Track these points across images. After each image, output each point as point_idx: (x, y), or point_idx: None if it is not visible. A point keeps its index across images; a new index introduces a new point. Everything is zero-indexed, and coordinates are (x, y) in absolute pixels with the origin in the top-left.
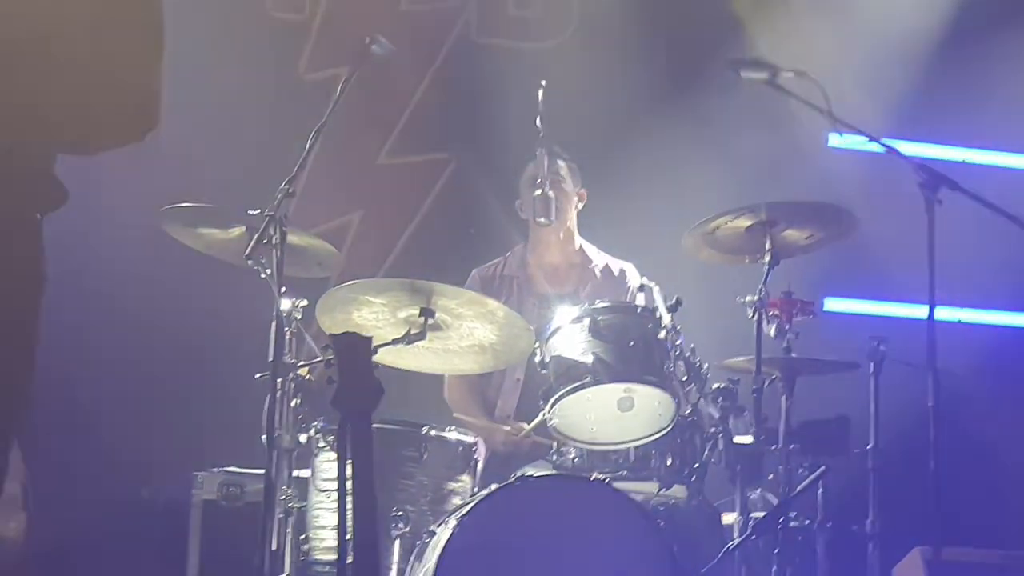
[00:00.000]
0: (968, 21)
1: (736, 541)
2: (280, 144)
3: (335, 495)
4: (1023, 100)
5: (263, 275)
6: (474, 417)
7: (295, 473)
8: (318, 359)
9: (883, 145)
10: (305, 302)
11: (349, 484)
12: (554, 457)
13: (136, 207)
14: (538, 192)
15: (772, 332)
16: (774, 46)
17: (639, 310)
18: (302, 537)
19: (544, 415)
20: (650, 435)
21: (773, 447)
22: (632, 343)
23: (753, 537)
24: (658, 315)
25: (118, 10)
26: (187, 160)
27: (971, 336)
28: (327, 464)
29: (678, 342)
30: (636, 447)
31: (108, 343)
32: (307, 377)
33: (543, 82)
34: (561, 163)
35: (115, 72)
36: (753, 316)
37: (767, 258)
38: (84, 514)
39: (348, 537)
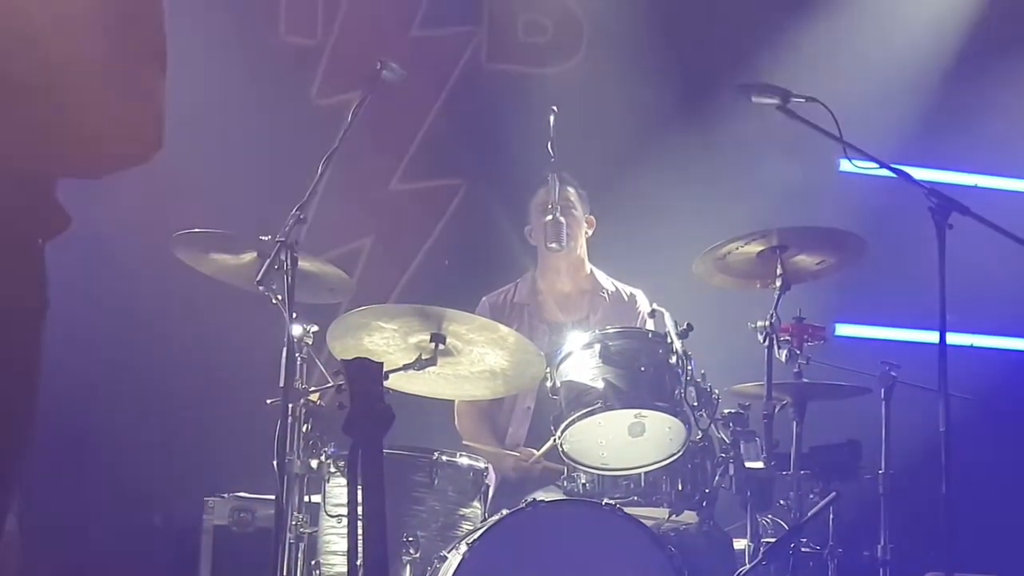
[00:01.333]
0: (976, 47)
1: (747, 567)
2: (292, 170)
3: (346, 520)
4: None
5: (274, 301)
6: (484, 443)
7: (306, 498)
8: (329, 385)
9: (894, 170)
10: (316, 327)
11: (360, 509)
12: (565, 482)
13: (148, 232)
14: (549, 218)
15: (783, 357)
16: (784, 72)
17: (650, 335)
18: (313, 563)
19: (555, 440)
20: (661, 460)
21: (784, 472)
22: (643, 368)
23: (764, 563)
24: (669, 340)
25: (120, 29)
26: (199, 185)
27: (983, 361)
28: (338, 489)
29: (689, 367)
30: (647, 472)
31: (120, 368)
32: (318, 403)
33: (554, 107)
34: (571, 189)
35: (118, 93)
36: (764, 341)
37: (778, 283)
38: (96, 540)
39: (359, 563)
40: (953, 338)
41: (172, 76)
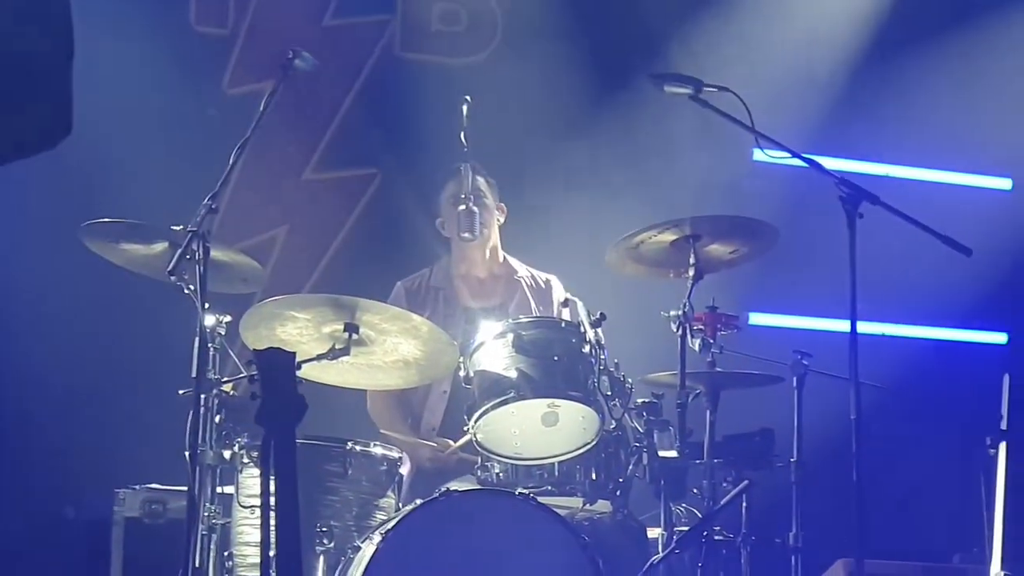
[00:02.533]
0: (889, 39)
1: (660, 555)
2: (204, 159)
3: (259, 511)
4: (943, 116)
5: (187, 291)
6: (399, 432)
7: (219, 489)
8: (242, 375)
9: (805, 160)
10: (229, 318)
11: (273, 500)
12: (479, 472)
13: (57, 222)
14: (462, 208)
15: (696, 346)
16: (698, 63)
17: (563, 325)
18: (226, 554)
19: (469, 430)
20: (574, 450)
21: (697, 461)
22: (556, 358)
23: (677, 551)
24: (582, 330)
25: (24, 13)
26: (109, 174)
27: (893, 349)
28: (251, 480)
29: (602, 357)
30: (561, 462)
31: (29, 360)
32: (231, 393)
33: (467, 97)
34: (481, 179)
35: (24, 76)
36: (677, 330)
37: (691, 272)
38: (5, 532)
39: (272, 553)
40: (864, 327)
41: (81, 64)
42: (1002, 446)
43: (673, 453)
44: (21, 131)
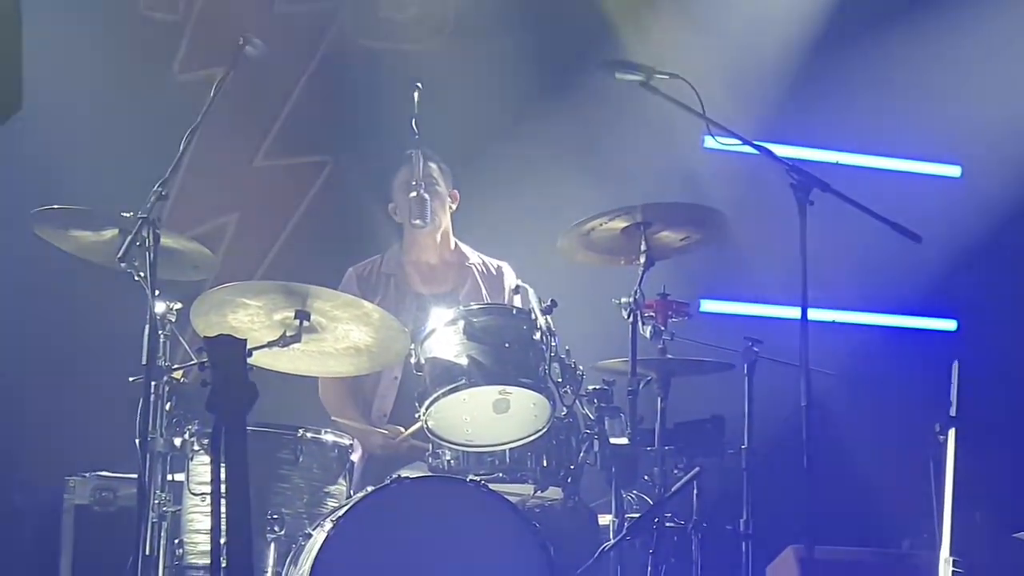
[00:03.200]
0: (840, 26)
1: (612, 542)
2: (155, 146)
3: (209, 499)
4: (894, 103)
5: (137, 278)
6: (351, 419)
7: (169, 477)
8: (192, 362)
9: (756, 147)
10: (180, 305)
11: (224, 488)
12: (430, 459)
13: (4, 209)
14: (413, 195)
15: (648, 334)
16: (649, 50)
17: (514, 312)
18: (176, 541)
19: (420, 417)
20: (526, 437)
21: (648, 448)
22: (507, 345)
23: (628, 538)
24: (533, 317)
25: None
26: (58, 161)
27: (844, 336)
28: (201, 468)
29: (553, 344)
30: (512, 449)
31: None
32: (181, 380)
33: (418, 84)
34: (433, 165)
35: None
36: (628, 318)
37: (642, 260)
38: None
39: (223, 541)
40: (815, 314)
41: (30, 48)
42: (951, 432)
43: (624, 440)
44: None
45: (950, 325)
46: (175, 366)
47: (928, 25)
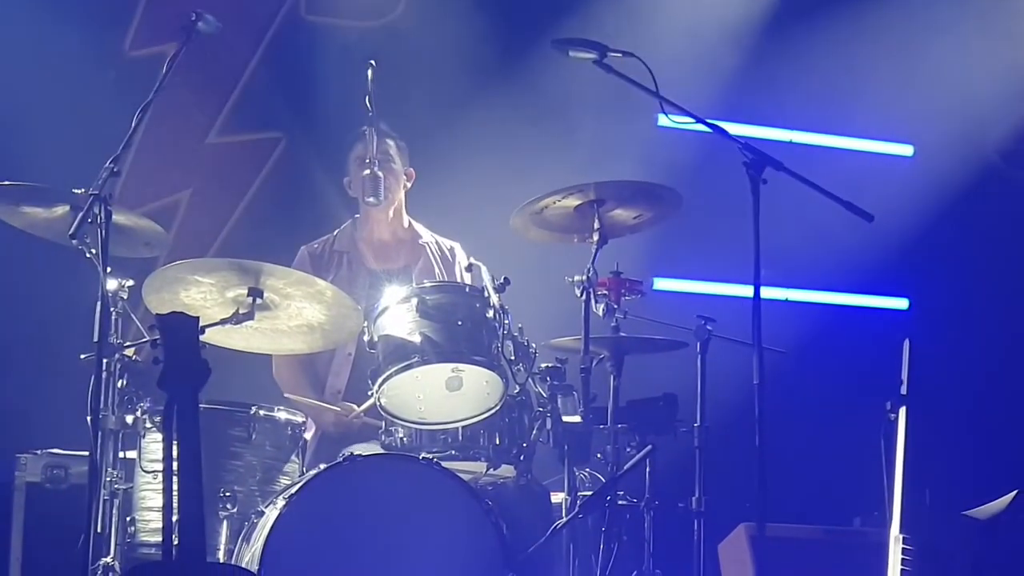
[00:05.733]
0: (793, 5)
1: (564, 520)
2: (106, 121)
3: (161, 476)
4: (847, 82)
5: (88, 255)
6: (304, 396)
7: (121, 454)
8: (144, 340)
9: (710, 126)
10: (132, 282)
11: (175, 465)
12: (383, 437)
13: None
14: (366, 172)
15: (601, 312)
16: (606, 28)
17: (467, 290)
18: (128, 519)
19: (373, 395)
20: (478, 415)
21: (601, 426)
22: (460, 323)
23: (581, 516)
24: (486, 295)
25: None
26: (9, 137)
27: (796, 315)
28: (153, 445)
29: (506, 321)
30: (464, 427)
31: None
32: (133, 358)
33: (372, 62)
34: (390, 142)
35: None
36: (581, 296)
37: (596, 238)
38: None
39: (174, 518)
40: (767, 292)
41: None
42: (902, 411)
43: (577, 418)
44: None
45: (902, 304)
46: (127, 343)
47: (882, 4)
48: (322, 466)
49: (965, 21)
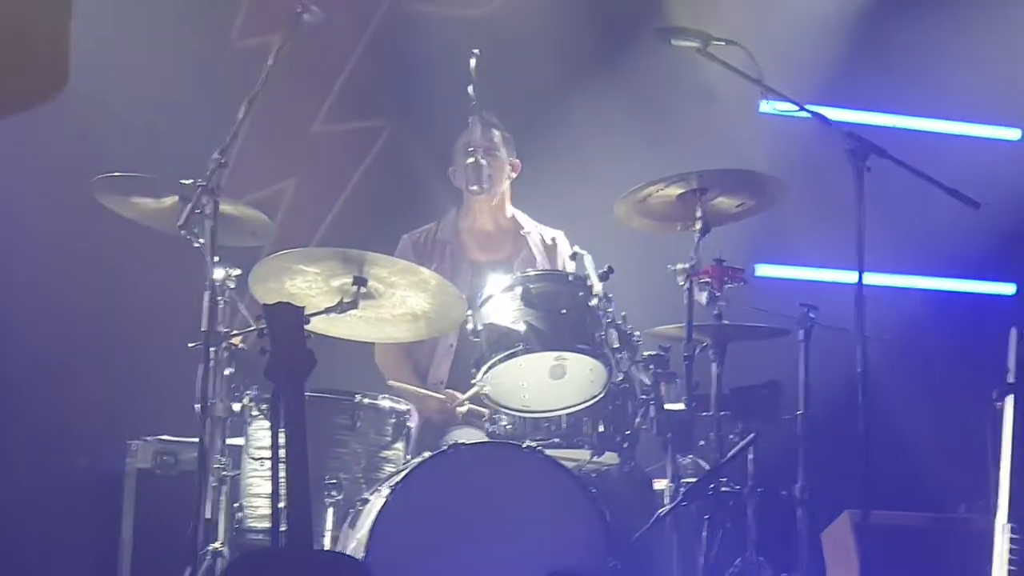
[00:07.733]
0: None
1: (667, 507)
2: (213, 113)
3: (268, 463)
4: (950, 66)
5: (196, 244)
6: (407, 383)
7: (229, 441)
8: (251, 328)
9: (811, 112)
10: (238, 271)
11: (282, 452)
12: (487, 425)
13: (67, 176)
14: (471, 160)
15: (703, 299)
16: (705, 14)
17: (571, 278)
18: (236, 505)
19: (477, 384)
20: (582, 402)
21: (704, 413)
22: (564, 311)
23: (684, 503)
24: (589, 283)
25: None
26: (120, 128)
27: (901, 301)
28: (260, 432)
29: (610, 310)
30: (568, 415)
31: (43, 312)
32: (240, 346)
33: (476, 50)
34: (495, 132)
35: (19, 29)
36: (684, 284)
37: (698, 226)
38: (17, 484)
39: (281, 505)
40: (871, 278)
41: (90, 16)
42: (1008, 399)
43: (680, 405)
44: (14, 85)
45: (1009, 289)
46: (234, 332)
47: None
48: (426, 454)
49: None
